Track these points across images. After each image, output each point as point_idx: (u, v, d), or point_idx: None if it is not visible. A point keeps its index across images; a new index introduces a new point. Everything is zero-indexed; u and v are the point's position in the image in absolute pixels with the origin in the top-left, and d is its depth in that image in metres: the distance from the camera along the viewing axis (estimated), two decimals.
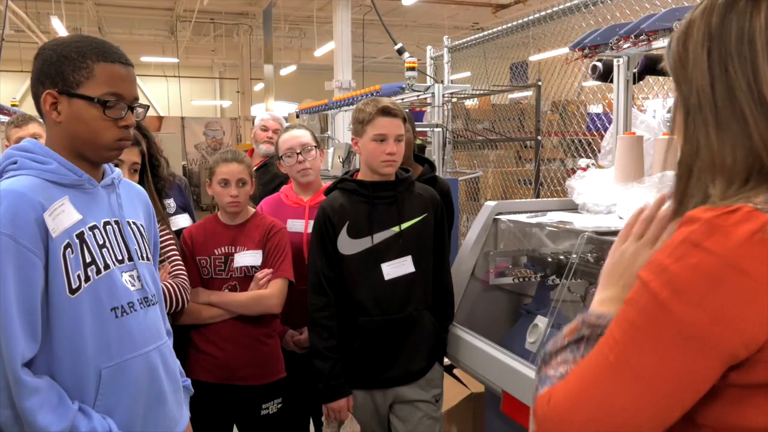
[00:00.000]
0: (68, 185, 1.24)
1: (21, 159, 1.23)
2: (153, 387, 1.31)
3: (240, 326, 2.07)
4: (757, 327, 0.67)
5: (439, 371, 2.12)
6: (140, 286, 1.32)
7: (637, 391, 0.71)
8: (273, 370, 2.15)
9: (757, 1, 0.75)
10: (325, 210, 2.01)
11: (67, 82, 1.22)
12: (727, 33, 0.76)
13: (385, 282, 1.97)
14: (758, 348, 0.67)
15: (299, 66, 17.96)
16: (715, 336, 0.67)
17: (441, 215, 2.10)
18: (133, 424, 1.26)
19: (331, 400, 1.98)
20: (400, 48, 3.93)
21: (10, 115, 6.49)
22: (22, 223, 1.14)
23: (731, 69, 0.75)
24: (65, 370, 1.18)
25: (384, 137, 1.94)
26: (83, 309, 1.20)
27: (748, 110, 0.74)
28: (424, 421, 2.05)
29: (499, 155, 5.41)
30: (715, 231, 0.68)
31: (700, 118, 0.78)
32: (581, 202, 2.23)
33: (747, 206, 0.69)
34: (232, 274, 2.10)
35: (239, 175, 2.11)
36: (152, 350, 1.32)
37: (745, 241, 0.67)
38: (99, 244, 1.25)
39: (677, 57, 0.81)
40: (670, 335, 0.69)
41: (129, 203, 1.39)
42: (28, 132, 2.83)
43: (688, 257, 0.69)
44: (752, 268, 0.66)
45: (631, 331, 0.72)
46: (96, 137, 1.24)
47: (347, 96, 4.63)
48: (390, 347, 1.99)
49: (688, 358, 0.69)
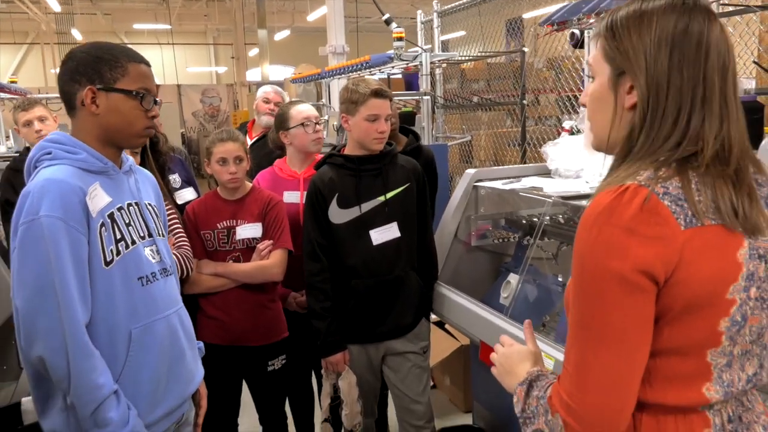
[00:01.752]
0: (96, 172, 1.42)
1: (54, 150, 1.40)
2: (174, 345, 1.52)
3: (244, 293, 2.26)
4: (657, 259, 0.86)
5: (425, 326, 2.33)
6: (159, 259, 1.53)
7: (623, 346, 0.89)
8: (276, 330, 2.35)
9: (711, 17, 0.92)
10: (316, 183, 2.19)
11: (104, 79, 1.40)
12: (688, 41, 0.91)
13: (374, 247, 2.16)
14: (667, 276, 0.87)
15: (293, 29, 17.78)
16: (630, 274, 0.86)
17: (423, 184, 2.28)
18: (160, 377, 1.47)
19: (329, 355, 2.19)
20: (387, 19, 4.04)
21: (11, 92, 6.63)
22: (70, 207, 1.32)
23: (687, 72, 0.91)
24: (102, 332, 1.38)
25: (376, 117, 2.10)
26: (115, 279, 1.40)
27: (689, 107, 0.91)
28: (414, 370, 2.27)
29: (492, 116, 5.49)
30: (613, 211, 0.88)
31: (648, 105, 0.92)
32: (554, 168, 2.41)
33: (633, 184, 0.88)
34: (235, 246, 2.28)
35: (236, 153, 2.27)
36: (172, 313, 1.53)
37: (637, 211, 0.87)
38: (126, 222, 1.45)
39: (628, 40, 0.94)
40: (614, 288, 0.87)
41: (144, 187, 1.59)
42: (34, 115, 2.98)
43: (601, 235, 0.88)
44: (642, 228, 0.86)
45: (591, 303, 0.90)
46: (130, 126, 1.43)
47: (340, 66, 4.75)
48: (380, 305, 2.19)
49: (631, 302, 0.87)
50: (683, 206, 0.88)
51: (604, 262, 0.87)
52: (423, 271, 2.29)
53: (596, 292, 0.89)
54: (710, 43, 0.92)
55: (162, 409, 1.48)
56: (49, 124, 3.01)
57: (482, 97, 4.93)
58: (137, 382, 1.42)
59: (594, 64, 1.01)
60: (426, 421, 2.28)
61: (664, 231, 0.86)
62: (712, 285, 0.89)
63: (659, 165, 0.91)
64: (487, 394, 2.50)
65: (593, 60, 1.01)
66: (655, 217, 0.86)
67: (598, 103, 1.00)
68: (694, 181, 0.89)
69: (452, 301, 2.28)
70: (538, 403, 0.99)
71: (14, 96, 6.87)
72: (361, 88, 2.10)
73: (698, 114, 0.91)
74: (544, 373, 1.05)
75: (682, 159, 0.91)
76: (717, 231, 0.89)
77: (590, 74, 1.04)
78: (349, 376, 2.22)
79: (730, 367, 0.94)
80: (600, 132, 1.01)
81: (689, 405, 0.93)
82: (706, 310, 0.90)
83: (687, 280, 0.87)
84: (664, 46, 0.92)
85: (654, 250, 0.86)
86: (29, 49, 19.55)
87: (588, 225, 0.90)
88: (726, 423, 0.95)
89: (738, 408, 0.96)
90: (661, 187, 0.88)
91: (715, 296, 0.89)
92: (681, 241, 0.86)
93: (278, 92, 3.79)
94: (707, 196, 0.89)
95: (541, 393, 0.99)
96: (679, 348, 0.91)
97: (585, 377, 0.90)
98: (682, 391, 0.93)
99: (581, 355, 0.91)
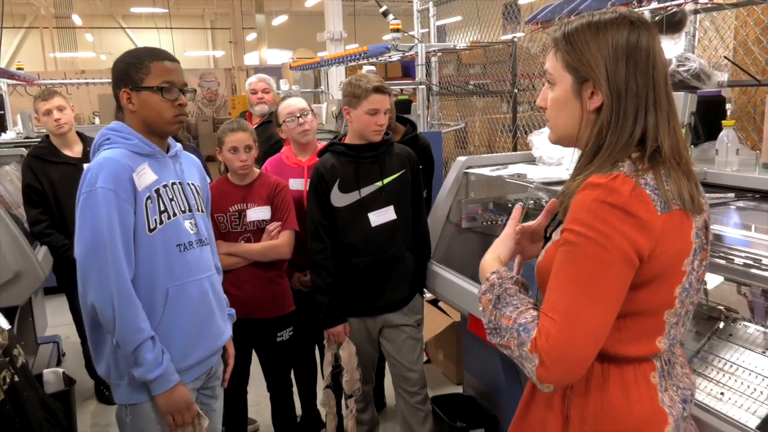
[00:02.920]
0: (146, 155, 1.67)
1: (113, 136, 1.67)
2: (204, 304, 1.76)
3: (256, 270, 2.48)
4: (644, 245, 1.05)
5: (419, 300, 2.54)
6: (196, 231, 1.77)
7: (605, 305, 1.06)
8: (284, 304, 2.57)
9: (653, 32, 1.12)
10: (319, 170, 2.39)
11: (133, 81, 1.64)
12: (639, 52, 1.10)
13: (372, 228, 2.36)
14: (648, 255, 1.06)
15: (291, 13, 17.80)
16: (627, 250, 1.04)
17: (417, 171, 2.48)
18: (191, 330, 1.72)
19: (331, 327, 2.40)
20: (385, 11, 4.20)
21: (18, 79, 6.78)
22: (120, 182, 1.59)
23: (640, 79, 1.10)
24: (143, 289, 1.62)
25: (376, 111, 2.30)
26: (157, 244, 1.64)
27: (644, 108, 1.10)
28: (408, 341, 2.48)
29: (487, 102, 5.65)
30: (612, 191, 1.05)
31: (612, 108, 1.10)
32: (538, 156, 2.61)
33: (621, 174, 1.06)
34: (246, 227, 2.49)
35: (245, 142, 2.47)
36: (204, 278, 1.77)
37: (629, 196, 1.04)
38: (169, 197, 1.69)
39: (588, 51, 1.10)
40: (611, 256, 1.04)
41: (188, 169, 1.83)
42: (53, 105, 3.16)
43: (601, 210, 1.04)
44: (635, 210, 1.04)
45: (584, 266, 1.06)
46: (159, 116, 1.67)
47: (339, 55, 4.92)
48: (378, 282, 2.40)
49: (624, 271, 1.05)
50: (658, 194, 1.06)
51: (608, 238, 1.03)
52: (417, 250, 2.50)
53: (598, 259, 1.04)
54: (656, 54, 1.11)
55: (193, 358, 1.73)
56: (67, 113, 3.19)
57: (477, 83, 5.09)
58: (172, 333, 1.67)
59: (554, 73, 1.16)
60: (419, 387, 2.50)
61: (649, 215, 1.04)
62: (675, 259, 1.09)
63: (635, 161, 1.09)
64: (477, 364, 2.72)
65: (553, 69, 1.17)
66: (642, 203, 1.04)
67: (562, 106, 1.17)
68: (662, 173, 1.08)
69: (444, 278, 2.49)
70: (513, 325, 1.09)
71: (19, 83, 7.03)
72: (363, 84, 2.29)
73: (652, 114, 1.10)
74: (510, 290, 1.16)
75: (650, 156, 1.10)
76: (679, 214, 1.08)
77: (549, 80, 1.19)
78: (349, 346, 2.43)
79: (677, 324, 1.15)
80: (564, 130, 1.18)
81: (645, 355, 1.14)
82: (668, 279, 1.10)
83: (660, 256, 1.06)
84: (621, 57, 1.09)
85: (645, 235, 1.04)
86: (27, 33, 19.56)
87: (588, 201, 1.05)
88: (664, 365, 1.17)
89: (669, 354, 1.18)
90: (642, 179, 1.06)
91: (676, 268, 1.09)
92: (660, 224, 1.05)
93: (262, 79, 4.00)
94: (672, 186, 1.08)
95: (522, 320, 1.09)
96: (647, 310, 1.11)
97: (573, 328, 1.03)
98: (642, 344, 1.13)
99: (572, 309, 1.03)
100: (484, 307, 1.17)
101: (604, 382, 1.14)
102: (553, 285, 1.08)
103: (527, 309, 1.12)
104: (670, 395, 1.16)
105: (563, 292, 1.06)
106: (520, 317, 1.10)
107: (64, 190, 3.09)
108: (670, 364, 1.18)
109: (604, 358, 1.13)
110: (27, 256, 2.83)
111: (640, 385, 1.13)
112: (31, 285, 2.88)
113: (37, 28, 18.84)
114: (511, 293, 1.16)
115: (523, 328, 1.08)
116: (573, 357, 1.04)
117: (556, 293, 1.07)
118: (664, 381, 1.16)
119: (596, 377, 1.15)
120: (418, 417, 2.49)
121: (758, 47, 2.75)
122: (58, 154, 3.19)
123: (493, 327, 1.14)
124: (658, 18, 2.32)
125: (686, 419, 1.19)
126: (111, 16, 19.96)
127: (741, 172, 1.90)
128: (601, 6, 2.10)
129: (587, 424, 1.14)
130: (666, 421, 1.13)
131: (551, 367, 1.03)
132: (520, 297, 1.16)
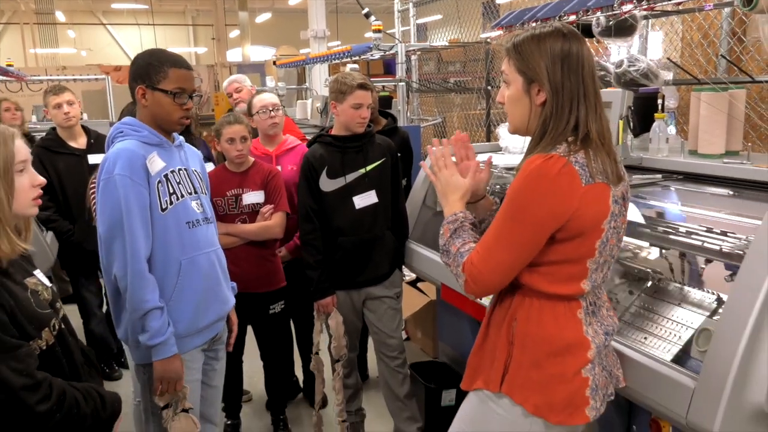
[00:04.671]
0: (154, 144, 1.92)
1: (125, 129, 1.91)
2: (211, 275, 2.02)
3: (251, 249, 2.76)
4: (564, 211, 1.35)
5: (398, 275, 2.82)
6: (202, 210, 2.02)
7: (516, 251, 1.40)
8: (276, 279, 2.86)
9: (582, 41, 1.42)
10: (309, 159, 2.66)
11: (151, 80, 1.88)
12: (571, 57, 1.40)
13: (356, 210, 2.63)
14: (566, 221, 1.36)
15: (275, 11, 17.95)
16: (548, 217, 1.35)
17: (396, 159, 2.76)
18: (201, 297, 1.97)
19: (321, 299, 2.67)
20: (367, 12, 4.49)
21: (8, 74, 6.93)
22: (135, 168, 1.83)
23: (573, 79, 1.40)
24: (158, 262, 1.88)
25: (360, 105, 2.58)
26: (169, 221, 1.89)
27: (577, 101, 1.40)
28: (389, 311, 2.76)
29: (464, 98, 5.96)
30: (546, 168, 1.35)
31: (553, 102, 1.40)
32: (504, 146, 2.92)
33: (556, 154, 1.37)
34: (242, 210, 2.77)
35: (242, 133, 2.74)
36: (211, 251, 2.03)
37: (558, 172, 1.34)
38: (177, 181, 1.94)
39: (532, 58, 1.41)
40: (529, 219, 1.36)
41: (191, 157, 2.08)
42: (63, 99, 3.40)
43: (532, 181, 1.35)
44: (558, 182, 1.34)
45: (508, 222, 1.39)
46: (168, 116, 1.92)
47: (323, 54, 5.19)
48: (362, 259, 2.67)
49: (538, 231, 1.37)
50: (585, 170, 1.36)
51: (536, 201, 1.34)
52: (396, 230, 2.78)
53: (522, 217, 1.36)
54: (584, 58, 1.42)
55: (204, 322, 2.00)
56: (75, 107, 3.44)
57: (456, 81, 5.37)
58: (185, 300, 1.93)
59: (509, 74, 1.48)
60: (398, 352, 2.79)
61: (572, 187, 1.35)
62: (595, 220, 1.39)
63: (569, 144, 1.39)
64: (450, 334, 3.02)
65: (508, 72, 1.48)
66: (568, 176, 1.34)
67: (516, 103, 1.47)
68: (591, 153, 1.39)
69: (420, 255, 2.79)
70: (457, 251, 1.47)
71: (8, 79, 7.17)
72: (349, 81, 2.57)
73: (583, 106, 1.41)
74: (466, 227, 1.50)
75: (581, 140, 1.41)
76: (601, 186, 1.39)
77: (505, 81, 1.50)
78: (336, 316, 2.71)
79: (597, 270, 1.45)
80: (518, 122, 1.49)
81: (572, 294, 1.45)
82: (589, 235, 1.40)
83: (582, 216, 1.37)
84: (557, 61, 1.40)
85: (565, 202, 1.34)
86: (5, 28, 19.45)
87: (526, 173, 1.36)
88: (589, 305, 1.48)
89: (594, 296, 1.49)
90: (573, 157, 1.37)
91: (596, 226, 1.40)
92: (581, 193, 1.35)
93: (231, 81, 4.28)
94: (597, 163, 1.39)
95: (463, 249, 1.45)
96: (571, 258, 1.42)
97: (487, 262, 1.41)
98: (569, 285, 1.44)
99: (491, 250, 1.39)
100: (444, 233, 1.52)
101: (540, 314, 1.45)
102: (489, 229, 1.45)
103: (469, 242, 1.48)
104: (594, 328, 1.47)
105: (490, 236, 1.42)
106: (462, 247, 1.48)
107: (69, 179, 3.35)
108: (595, 306, 1.50)
109: (540, 296, 1.45)
110: (38, 239, 3.06)
111: (568, 318, 1.45)
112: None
113: (17, 23, 18.76)
114: (465, 229, 1.51)
115: (461, 255, 1.47)
116: (485, 281, 1.43)
117: (487, 235, 1.43)
118: (589, 317, 1.47)
119: (534, 310, 1.46)
120: (398, 379, 2.78)
121: (700, 50, 3.08)
122: (64, 145, 3.43)
123: (445, 249, 1.50)
124: (611, 23, 2.63)
125: (607, 347, 1.51)
126: (91, 12, 19.93)
127: (670, 156, 2.23)
128: (556, 14, 2.41)
129: (527, 347, 1.45)
130: (589, 346, 1.44)
131: (471, 284, 1.44)
132: (470, 233, 1.50)
